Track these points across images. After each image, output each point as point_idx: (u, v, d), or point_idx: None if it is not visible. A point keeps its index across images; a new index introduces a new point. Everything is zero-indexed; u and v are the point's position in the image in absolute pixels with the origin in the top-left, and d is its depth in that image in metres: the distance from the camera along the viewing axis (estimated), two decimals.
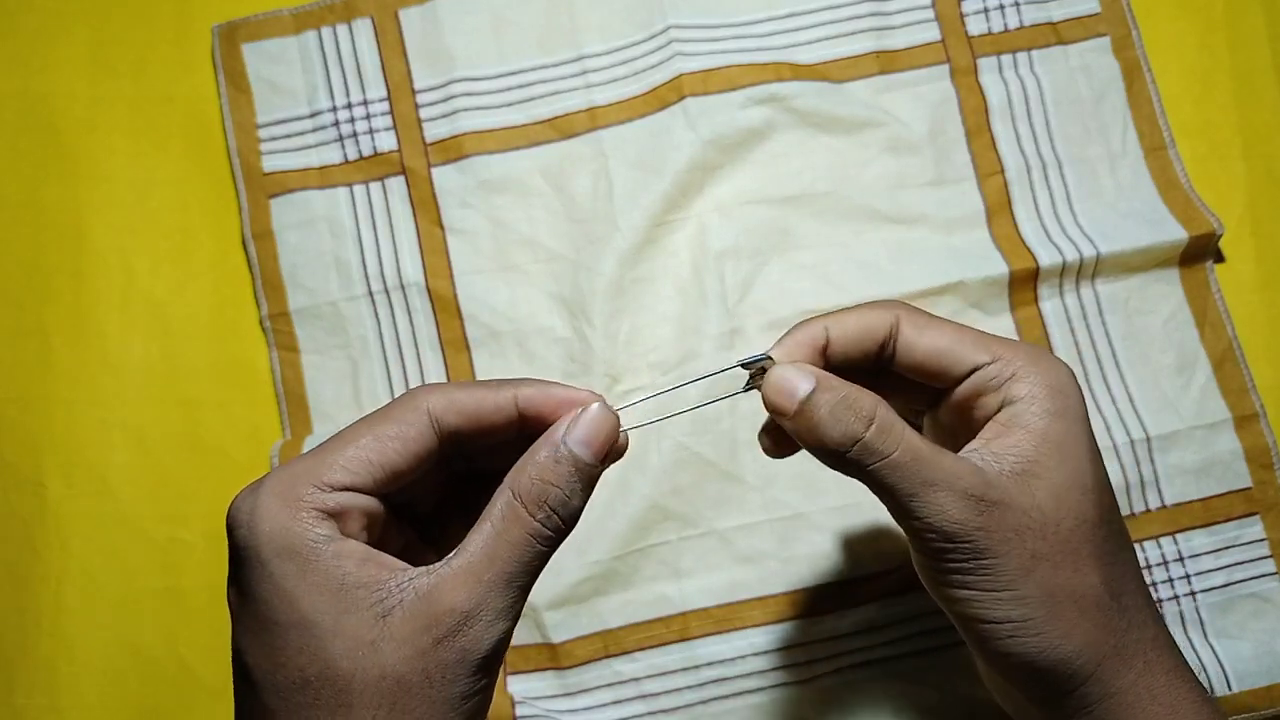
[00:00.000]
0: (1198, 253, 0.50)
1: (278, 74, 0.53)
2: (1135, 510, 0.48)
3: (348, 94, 0.53)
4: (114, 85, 0.54)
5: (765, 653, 0.47)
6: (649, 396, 0.35)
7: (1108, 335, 0.50)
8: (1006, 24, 0.53)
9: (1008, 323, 0.50)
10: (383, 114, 0.52)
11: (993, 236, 0.51)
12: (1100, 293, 0.50)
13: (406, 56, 0.53)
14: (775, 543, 0.48)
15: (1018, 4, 0.53)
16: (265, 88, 0.53)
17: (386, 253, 0.52)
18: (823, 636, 0.47)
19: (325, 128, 0.52)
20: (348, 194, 0.52)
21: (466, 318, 0.51)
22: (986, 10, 0.53)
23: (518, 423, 0.30)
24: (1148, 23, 0.53)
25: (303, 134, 0.53)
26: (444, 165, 0.52)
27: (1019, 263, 0.50)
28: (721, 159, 0.51)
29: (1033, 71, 0.53)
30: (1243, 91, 0.53)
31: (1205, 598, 0.48)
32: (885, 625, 0.47)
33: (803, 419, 0.31)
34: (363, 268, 0.51)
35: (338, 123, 0.52)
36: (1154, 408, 0.49)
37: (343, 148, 0.52)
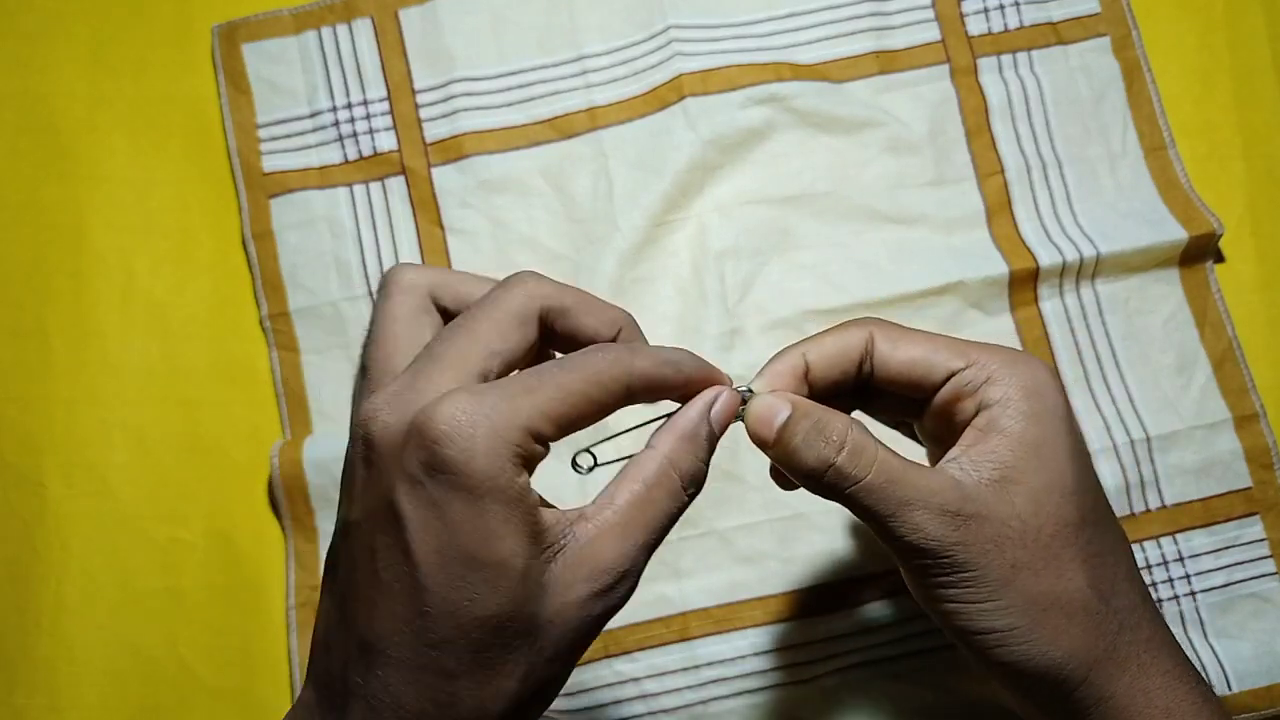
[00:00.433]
0: (1198, 253, 0.50)
1: (278, 74, 0.53)
2: (1135, 510, 0.48)
3: (348, 94, 0.53)
4: (114, 85, 0.54)
5: (765, 653, 0.47)
6: (642, 424, 0.33)
7: (1108, 335, 0.50)
8: (1006, 24, 0.53)
9: (1008, 323, 0.50)
10: (383, 114, 0.52)
11: (993, 236, 0.51)
12: (1100, 293, 0.50)
13: (406, 56, 0.53)
14: (775, 543, 0.48)
15: (1018, 4, 0.53)
16: (265, 88, 0.53)
17: (386, 253, 0.52)
18: (822, 636, 0.47)
19: (325, 128, 0.52)
20: (348, 194, 0.52)
21: None
22: (986, 10, 0.53)
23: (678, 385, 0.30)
24: (1148, 23, 0.53)
25: (303, 134, 0.53)
26: (444, 165, 0.52)
27: (1019, 263, 0.50)
28: (721, 159, 0.51)
29: (1033, 71, 0.53)
30: (1243, 91, 0.53)
31: (1205, 598, 0.48)
32: (884, 625, 0.47)
33: (780, 447, 0.31)
34: (363, 268, 0.51)
35: (338, 123, 0.52)
36: (1154, 408, 0.49)
37: (343, 148, 0.52)
